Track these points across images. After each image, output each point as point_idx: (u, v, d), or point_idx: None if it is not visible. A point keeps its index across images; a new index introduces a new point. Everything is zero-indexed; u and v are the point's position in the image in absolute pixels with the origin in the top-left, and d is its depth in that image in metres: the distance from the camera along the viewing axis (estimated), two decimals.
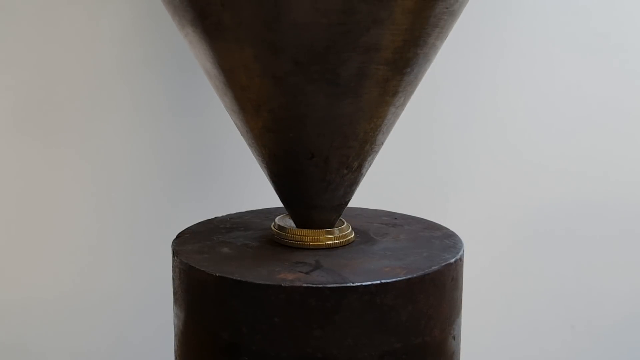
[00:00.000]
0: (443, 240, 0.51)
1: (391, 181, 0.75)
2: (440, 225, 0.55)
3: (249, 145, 0.49)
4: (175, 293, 0.49)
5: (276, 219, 0.52)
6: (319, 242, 0.49)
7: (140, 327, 0.75)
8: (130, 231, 0.73)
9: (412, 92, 0.47)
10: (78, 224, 0.72)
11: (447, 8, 0.43)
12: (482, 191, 0.80)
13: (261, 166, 0.50)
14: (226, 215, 0.58)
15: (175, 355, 0.51)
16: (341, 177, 0.48)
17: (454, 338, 0.48)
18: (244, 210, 0.59)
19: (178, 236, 0.53)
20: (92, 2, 0.69)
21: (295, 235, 0.50)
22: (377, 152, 0.49)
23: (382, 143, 0.48)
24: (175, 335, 0.50)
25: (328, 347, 0.43)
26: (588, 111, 0.80)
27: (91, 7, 0.69)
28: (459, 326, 0.50)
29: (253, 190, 0.67)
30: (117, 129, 0.71)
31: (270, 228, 0.52)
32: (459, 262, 0.48)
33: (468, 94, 0.78)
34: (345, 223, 0.51)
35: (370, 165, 0.49)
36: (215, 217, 0.57)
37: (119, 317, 0.75)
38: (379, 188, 0.50)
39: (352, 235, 0.51)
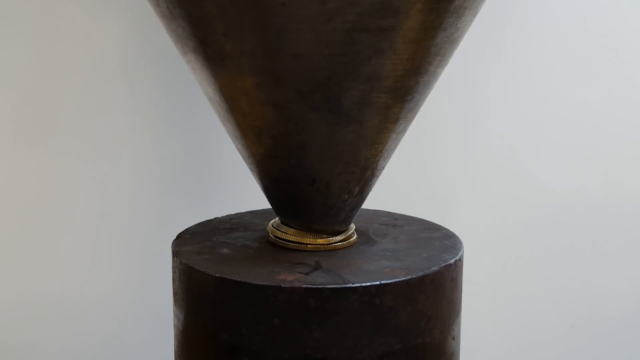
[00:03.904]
0: (442, 241, 0.51)
1: (391, 182, 0.75)
2: (440, 226, 0.55)
3: (251, 169, 0.49)
4: (175, 294, 0.49)
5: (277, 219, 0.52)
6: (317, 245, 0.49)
7: (139, 328, 0.75)
8: (131, 232, 0.73)
9: (412, 118, 0.47)
10: (77, 224, 0.72)
11: (447, 37, 0.43)
12: (481, 191, 0.80)
13: (262, 190, 0.50)
14: (226, 216, 0.58)
15: (175, 356, 0.51)
16: (342, 202, 0.48)
17: (453, 338, 0.48)
18: (244, 210, 0.59)
19: (178, 237, 0.53)
20: (92, 3, 0.69)
21: (295, 236, 0.50)
22: (378, 176, 0.49)
23: (383, 168, 0.49)
24: (175, 335, 0.50)
25: (328, 347, 0.43)
26: (587, 111, 0.80)
27: (91, 8, 0.69)
28: (459, 327, 0.50)
29: (253, 190, 0.67)
30: (116, 129, 0.71)
31: (269, 229, 0.52)
32: (458, 263, 0.48)
33: (466, 94, 0.78)
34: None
35: (371, 190, 0.50)
36: (215, 218, 0.57)
37: (119, 317, 0.75)
38: (378, 188, 0.50)
39: (354, 237, 0.51)
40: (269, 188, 0.49)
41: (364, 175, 0.47)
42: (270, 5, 0.40)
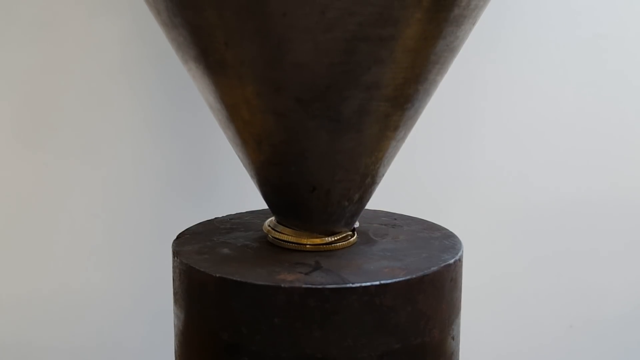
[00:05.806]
0: (442, 241, 0.51)
1: (390, 181, 0.75)
2: (440, 226, 0.55)
3: (251, 176, 0.50)
4: (175, 294, 0.49)
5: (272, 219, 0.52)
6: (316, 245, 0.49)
7: (139, 328, 0.75)
8: (131, 231, 0.74)
9: (412, 126, 0.47)
10: (77, 224, 0.72)
11: (447, 46, 0.44)
12: (480, 191, 0.81)
13: (262, 196, 0.50)
14: (226, 216, 0.58)
15: (175, 356, 0.51)
16: (342, 209, 0.48)
17: (453, 338, 0.49)
18: (244, 210, 0.59)
19: (178, 237, 0.53)
20: (92, 3, 0.69)
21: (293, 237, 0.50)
22: (378, 183, 0.49)
23: (383, 175, 0.49)
24: (176, 335, 0.50)
25: (327, 347, 0.43)
26: (585, 114, 0.80)
27: (92, 8, 0.69)
28: (458, 326, 0.50)
29: (253, 190, 0.67)
30: (117, 129, 0.72)
31: (266, 229, 0.52)
32: (458, 263, 0.48)
33: (466, 93, 0.78)
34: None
35: (371, 197, 0.50)
36: (216, 218, 0.57)
37: (119, 317, 0.75)
38: (378, 188, 0.50)
39: (354, 237, 0.51)
40: (269, 195, 0.49)
41: (364, 183, 0.48)
42: (271, 15, 0.40)
